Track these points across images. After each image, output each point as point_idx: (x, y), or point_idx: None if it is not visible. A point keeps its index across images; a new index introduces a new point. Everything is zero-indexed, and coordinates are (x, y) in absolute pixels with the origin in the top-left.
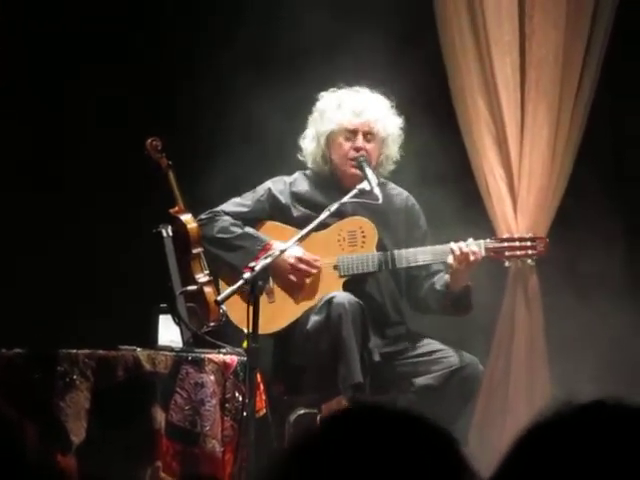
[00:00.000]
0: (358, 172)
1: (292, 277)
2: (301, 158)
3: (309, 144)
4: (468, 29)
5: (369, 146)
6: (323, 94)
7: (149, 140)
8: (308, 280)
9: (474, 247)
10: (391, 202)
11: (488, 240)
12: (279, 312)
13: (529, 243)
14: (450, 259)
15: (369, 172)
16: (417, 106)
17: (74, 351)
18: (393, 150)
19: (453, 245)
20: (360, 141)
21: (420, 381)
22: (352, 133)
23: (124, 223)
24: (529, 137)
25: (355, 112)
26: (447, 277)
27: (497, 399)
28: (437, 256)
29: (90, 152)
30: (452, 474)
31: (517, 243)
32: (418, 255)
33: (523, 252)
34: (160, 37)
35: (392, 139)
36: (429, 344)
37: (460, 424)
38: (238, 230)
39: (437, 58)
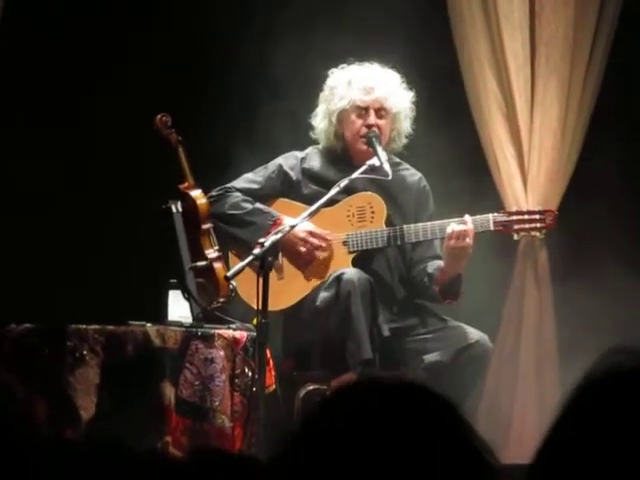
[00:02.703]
0: (369, 149)
1: (303, 250)
2: (313, 136)
3: (320, 122)
4: (478, 6)
5: (381, 122)
6: (333, 70)
7: (159, 116)
8: (319, 254)
9: (480, 219)
10: (403, 180)
11: (496, 214)
12: (288, 289)
13: (538, 216)
14: (449, 229)
15: (379, 148)
16: (426, 82)
17: (84, 326)
18: (405, 125)
19: (448, 228)
20: (372, 118)
21: (430, 358)
22: (364, 110)
23: (133, 199)
24: (539, 113)
25: (366, 89)
26: (441, 263)
27: (506, 375)
28: (445, 230)
29: (100, 130)
30: (458, 442)
31: (526, 216)
32: (427, 229)
33: (532, 225)
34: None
35: (404, 114)
36: (439, 321)
37: (470, 400)
38: (249, 206)
39: (447, 37)
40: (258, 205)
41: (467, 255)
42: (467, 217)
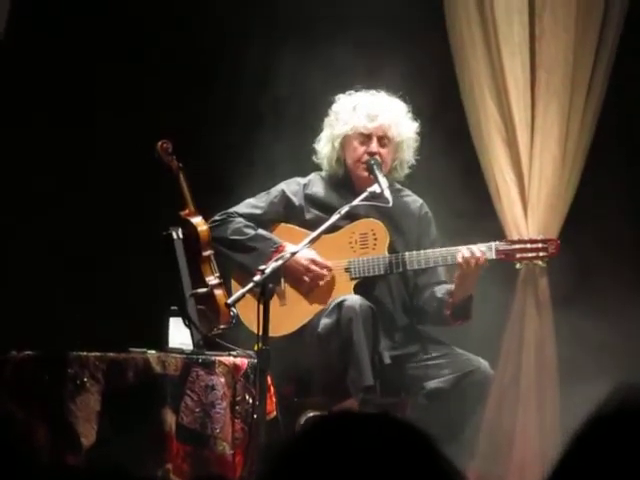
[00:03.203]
0: (370, 175)
1: (305, 278)
2: (316, 161)
3: (324, 146)
4: (478, 29)
5: (383, 151)
6: (340, 96)
7: (159, 143)
8: (321, 283)
9: (482, 248)
10: (405, 207)
11: (499, 242)
12: (290, 315)
13: (540, 245)
14: (459, 257)
15: (379, 175)
16: (427, 108)
17: (84, 353)
18: (408, 155)
19: (462, 248)
20: (374, 145)
21: (431, 385)
22: (367, 137)
23: (134, 225)
24: (539, 138)
25: (370, 116)
26: (450, 287)
27: (507, 402)
28: (447, 258)
29: (100, 156)
30: (433, 473)
31: (528, 245)
32: (429, 257)
33: (534, 254)
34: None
35: (407, 144)
36: (440, 348)
37: (470, 427)
38: (251, 232)
39: (447, 58)
40: (260, 231)
41: (478, 276)
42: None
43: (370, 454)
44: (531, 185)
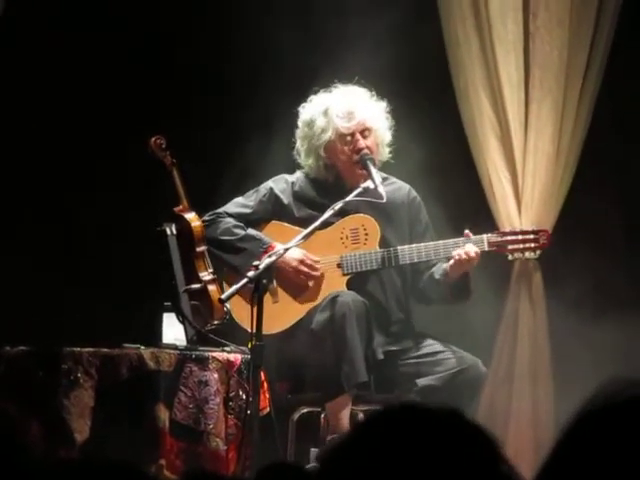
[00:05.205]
0: (364, 171)
1: (295, 279)
2: (304, 169)
3: (306, 158)
4: (472, 27)
5: (368, 142)
6: (304, 105)
7: (153, 138)
8: (311, 283)
9: (474, 248)
10: (393, 197)
11: (490, 234)
12: (283, 312)
13: (532, 236)
14: (454, 255)
15: (373, 171)
16: (421, 102)
17: (78, 349)
18: (386, 135)
19: (454, 252)
20: (361, 142)
21: (423, 382)
22: (349, 136)
23: (128, 221)
24: (533, 135)
25: (346, 115)
26: (445, 266)
27: (501, 399)
28: (439, 252)
29: (93, 151)
30: (492, 472)
31: (520, 236)
32: (421, 251)
33: (526, 245)
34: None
35: (383, 126)
36: (432, 345)
37: None
38: (241, 232)
39: (441, 55)
40: (250, 231)
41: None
42: (467, 236)
43: (434, 451)
44: (525, 182)
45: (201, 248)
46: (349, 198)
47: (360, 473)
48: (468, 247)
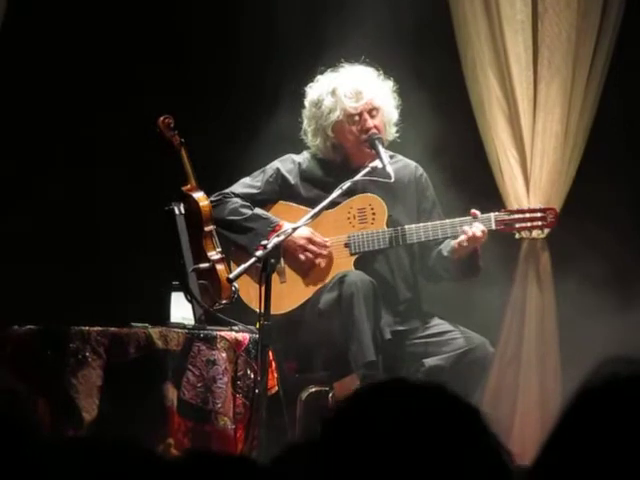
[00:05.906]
0: (372, 151)
1: (302, 257)
2: (311, 150)
3: (314, 138)
4: (480, 7)
5: (376, 122)
6: (311, 85)
7: (161, 118)
8: (319, 261)
9: (481, 227)
10: (399, 175)
11: (498, 213)
12: (290, 292)
13: (539, 214)
14: (461, 236)
15: (382, 150)
16: (428, 85)
17: (86, 328)
18: (393, 114)
19: (461, 230)
20: (369, 122)
21: (430, 362)
22: (357, 115)
23: (136, 200)
24: (542, 115)
25: (354, 95)
26: (453, 243)
27: (508, 380)
28: (447, 231)
29: (103, 130)
30: (481, 448)
31: (527, 215)
32: (428, 230)
33: (534, 224)
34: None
35: (390, 104)
36: (440, 325)
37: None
38: (248, 212)
39: (450, 39)
40: (257, 211)
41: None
42: (474, 215)
43: (420, 424)
44: (533, 162)
45: (209, 227)
46: (357, 178)
47: (344, 446)
48: (475, 226)
